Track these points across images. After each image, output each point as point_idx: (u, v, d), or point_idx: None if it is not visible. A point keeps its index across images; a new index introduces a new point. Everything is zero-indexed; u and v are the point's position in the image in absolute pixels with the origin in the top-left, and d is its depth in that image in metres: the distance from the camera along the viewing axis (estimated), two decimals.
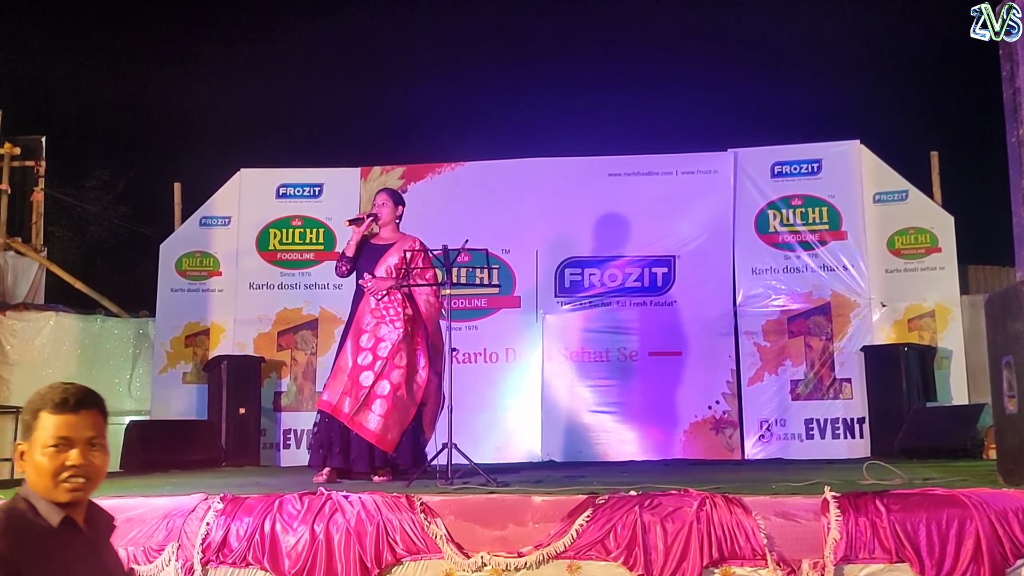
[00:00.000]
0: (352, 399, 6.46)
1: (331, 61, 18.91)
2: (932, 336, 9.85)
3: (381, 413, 6.42)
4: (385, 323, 6.58)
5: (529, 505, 4.38)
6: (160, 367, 10.52)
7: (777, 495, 4.45)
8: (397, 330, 6.55)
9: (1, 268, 10.92)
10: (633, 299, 10.32)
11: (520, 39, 18.68)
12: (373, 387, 6.44)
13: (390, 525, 4.25)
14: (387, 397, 6.45)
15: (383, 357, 6.50)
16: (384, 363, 6.48)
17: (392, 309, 6.60)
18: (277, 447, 10.33)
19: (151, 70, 19.81)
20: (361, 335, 6.59)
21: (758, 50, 16.33)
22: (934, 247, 9.97)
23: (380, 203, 6.94)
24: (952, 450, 8.27)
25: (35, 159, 11.52)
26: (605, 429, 10.07)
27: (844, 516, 4.18)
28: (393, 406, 6.44)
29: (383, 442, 6.41)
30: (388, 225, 6.96)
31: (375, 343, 6.56)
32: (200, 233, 10.77)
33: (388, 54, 18.99)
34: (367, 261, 6.83)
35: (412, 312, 6.66)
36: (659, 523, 4.19)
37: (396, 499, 4.37)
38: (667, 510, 4.25)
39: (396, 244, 6.85)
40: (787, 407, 9.97)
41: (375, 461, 6.43)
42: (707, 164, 10.54)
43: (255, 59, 19.89)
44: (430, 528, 4.23)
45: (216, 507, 4.37)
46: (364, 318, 6.64)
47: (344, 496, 4.39)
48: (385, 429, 6.42)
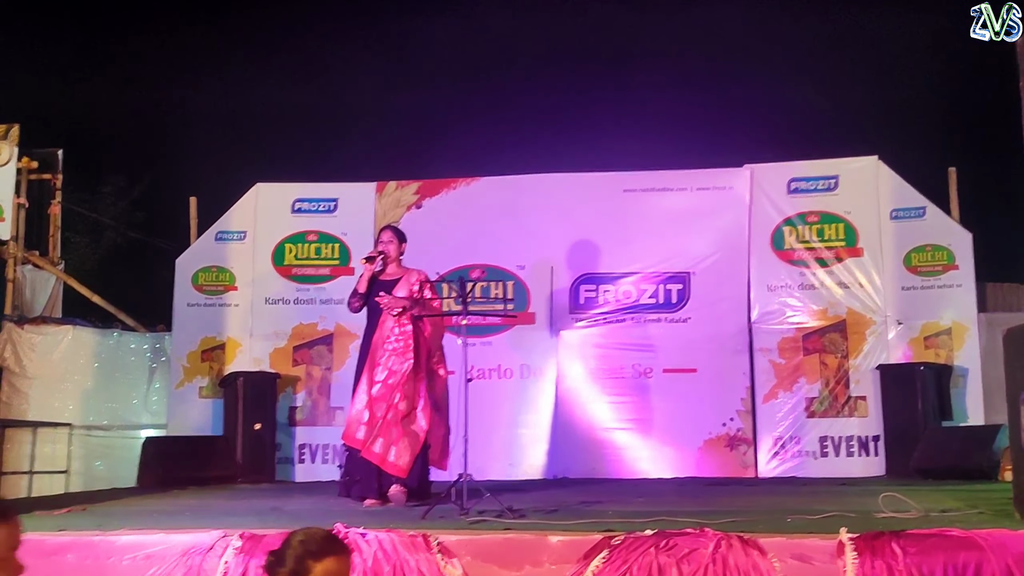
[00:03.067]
0: (368, 428, 6.67)
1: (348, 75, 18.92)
2: (948, 354, 9.81)
3: (393, 441, 6.59)
4: (396, 354, 6.76)
5: (545, 545, 4.38)
6: (177, 381, 10.59)
7: (793, 535, 4.44)
8: (407, 360, 6.74)
9: (19, 282, 11.01)
10: (648, 316, 10.33)
11: (535, 55, 18.67)
12: (386, 415, 6.63)
13: (407, 565, 4.26)
14: (398, 424, 6.65)
15: (393, 385, 6.70)
16: (396, 391, 6.68)
17: (403, 341, 6.75)
18: (292, 462, 10.36)
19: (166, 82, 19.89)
20: (376, 367, 6.75)
21: (775, 66, 16.28)
22: (951, 264, 9.94)
23: (387, 240, 7.08)
24: (968, 471, 8.27)
25: (52, 172, 11.61)
26: (619, 446, 10.08)
27: (860, 559, 4.17)
28: (404, 432, 6.63)
29: (396, 468, 6.60)
30: (393, 261, 7.13)
31: (387, 374, 6.74)
32: (216, 248, 10.83)
33: (404, 69, 18.99)
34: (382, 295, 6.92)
35: (420, 341, 6.78)
36: (675, 565, 4.18)
37: (413, 538, 4.38)
38: (683, 551, 4.24)
39: (403, 278, 7.00)
40: (802, 424, 9.95)
41: (382, 487, 6.62)
42: (723, 180, 10.54)
43: (271, 72, 19.96)
44: (447, 569, 4.25)
45: (235, 544, 4.39)
46: (378, 351, 6.78)
47: (361, 534, 4.41)
48: (398, 456, 6.61)
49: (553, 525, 4.97)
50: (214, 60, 19.50)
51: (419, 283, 6.91)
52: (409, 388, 6.69)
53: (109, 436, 10.77)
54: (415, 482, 6.69)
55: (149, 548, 4.47)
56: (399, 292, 6.90)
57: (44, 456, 9.93)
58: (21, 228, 11.13)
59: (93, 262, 19.23)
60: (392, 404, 6.65)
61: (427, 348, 6.87)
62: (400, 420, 6.64)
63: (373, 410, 6.67)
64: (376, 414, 6.65)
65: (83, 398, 10.69)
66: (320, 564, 2.93)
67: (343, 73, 18.74)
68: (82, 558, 4.50)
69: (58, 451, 10.04)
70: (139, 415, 10.97)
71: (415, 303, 6.84)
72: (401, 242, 7.15)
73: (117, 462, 10.59)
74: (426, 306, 6.93)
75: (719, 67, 17.10)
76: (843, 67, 16.40)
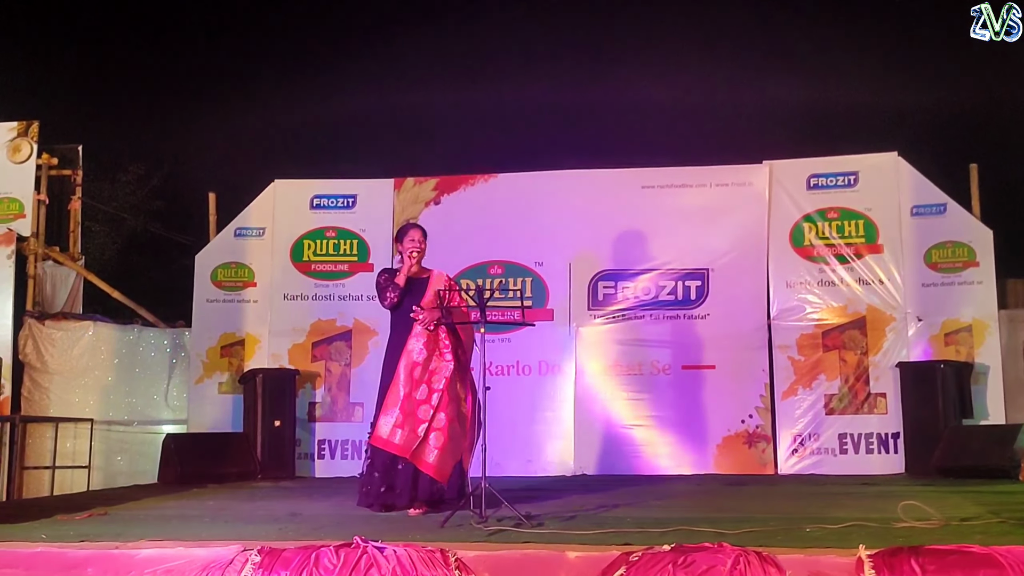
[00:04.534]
0: (407, 432, 6.47)
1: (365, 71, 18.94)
2: (969, 351, 9.77)
3: (438, 446, 6.45)
4: (436, 355, 6.61)
5: (563, 562, 4.38)
6: (196, 377, 10.66)
7: (811, 550, 4.43)
8: (449, 363, 6.59)
9: (40, 278, 11.07)
10: (666, 312, 10.32)
11: (553, 51, 18.62)
12: (432, 421, 6.47)
13: None
14: (443, 430, 6.48)
15: (439, 389, 6.53)
16: (440, 396, 6.51)
17: (442, 341, 6.64)
18: (312, 457, 10.43)
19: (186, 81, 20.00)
20: (414, 368, 6.56)
21: (795, 61, 16.19)
22: (972, 261, 9.89)
23: (419, 239, 6.89)
24: (989, 471, 8.26)
25: (72, 168, 11.64)
26: (638, 442, 10.10)
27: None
28: (449, 438, 6.49)
29: (440, 474, 6.46)
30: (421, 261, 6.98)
31: (429, 376, 6.57)
32: (235, 244, 10.87)
33: (421, 65, 18.96)
34: (411, 295, 6.79)
35: (457, 343, 6.69)
36: None
37: (431, 554, 4.38)
38: (701, 568, 4.23)
39: (430, 278, 6.88)
40: (821, 421, 9.94)
41: (429, 495, 6.47)
42: (742, 176, 10.50)
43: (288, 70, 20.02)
44: None
45: (254, 560, 4.40)
46: (415, 350, 6.64)
47: (379, 550, 4.41)
48: (442, 462, 6.46)
49: (571, 536, 4.97)
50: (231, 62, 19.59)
51: (447, 287, 6.73)
52: (452, 392, 6.55)
53: (129, 431, 10.83)
54: (455, 490, 6.53)
55: (168, 562, 4.48)
56: (428, 292, 6.78)
57: (65, 451, 9.98)
58: (41, 224, 11.16)
59: (112, 251, 19.33)
60: (433, 408, 6.48)
61: (464, 352, 6.75)
62: (445, 426, 6.49)
63: (415, 415, 6.49)
64: (419, 418, 6.47)
65: (103, 393, 10.75)
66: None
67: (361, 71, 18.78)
68: (102, 571, 4.52)
69: (79, 446, 10.08)
70: (159, 411, 11.03)
71: (447, 312, 6.66)
72: (426, 239, 7.00)
73: (137, 457, 10.67)
74: (457, 312, 6.73)
75: (740, 64, 17.01)
76: (864, 63, 16.28)
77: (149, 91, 20.41)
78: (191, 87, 20.30)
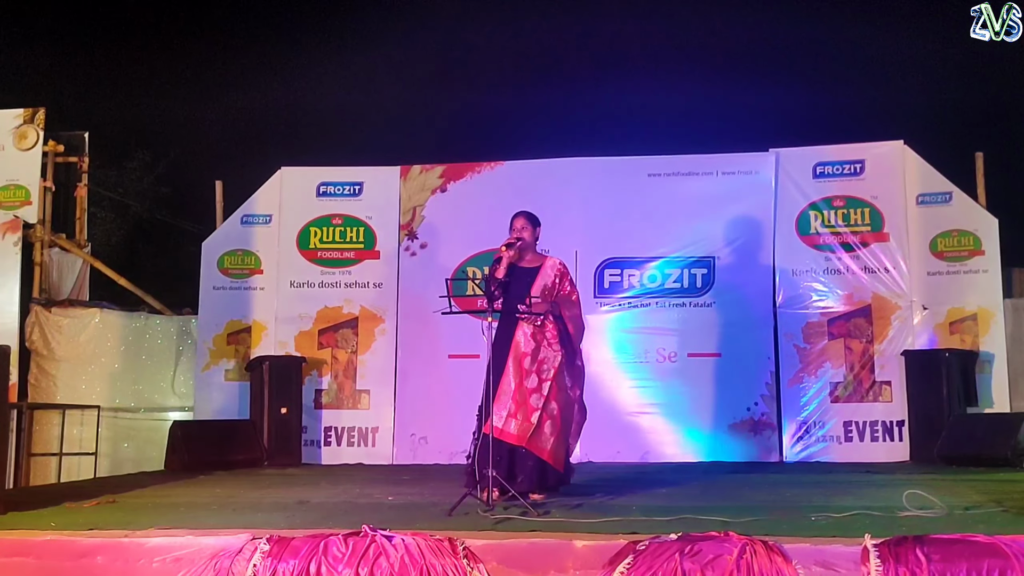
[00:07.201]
0: (521, 421, 6.46)
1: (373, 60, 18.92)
2: (974, 340, 9.78)
3: (553, 434, 6.48)
4: (545, 345, 6.58)
5: (570, 551, 4.41)
6: (203, 364, 10.68)
7: (817, 540, 4.45)
8: (557, 352, 6.58)
9: (47, 265, 11.10)
10: (672, 300, 10.33)
11: (561, 41, 18.59)
12: (544, 409, 6.48)
13: (433, 571, 4.29)
14: (556, 418, 6.51)
15: (549, 379, 6.53)
16: (551, 385, 6.52)
17: (549, 332, 6.60)
18: (318, 444, 10.44)
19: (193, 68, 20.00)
20: (524, 358, 6.52)
21: (801, 50, 16.17)
22: (977, 250, 9.89)
23: (520, 227, 6.73)
24: (993, 459, 8.29)
25: (78, 155, 11.66)
26: (644, 430, 10.12)
27: (884, 566, 4.18)
28: (561, 426, 6.53)
29: (556, 460, 6.50)
30: (530, 249, 6.81)
31: (538, 365, 6.55)
32: (241, 231, 10.89)
33: (429, 54, 18.94)
34: (518, 285, 6.65)
35: (564, 331, 6.67)
36: (700, 571, 4.20)
37: (439, 543, 4.41)
38: (707, 557, 4.26)
39: (541, 268, 6.75)
40: (826, 409, 9.96)
41: (547, 480, 6.49)
42: (748, 164, 10.49)
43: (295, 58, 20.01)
44: (473, 575, 4.29)
45: (263, 548, 4.43)
46: (522, 340, 6.59)
47: (388, 538, 4.44)
48: (556, 449, 6.50)
49: (577, 525, 5.01)
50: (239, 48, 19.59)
51: (558, 275, 6.68)
52: (560, 381, 6.55)
53: (136, 418, 10.87)
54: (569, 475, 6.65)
55: (178, 551, 4.52)
56: (538, 283, 6.66)
57: (72, 438, 10.02)
58: (48, 211, 11.18)
59: (119, 238, 19.38)
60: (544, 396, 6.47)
61: (570, 337, 6.69)
62: (557, 415, 6.50)
63: (528, 404, 6.48)
64: (532, 407, 6.46)
65: (110, 381, 10.79)
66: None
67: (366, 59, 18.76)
68: (112, 560, 4.55)
69: (86, 433, 10.11)
70: (166, 397, 11.06)
71: (555, 304, 6.62)
72: (535, 227, 6.83)
73: (144, 444, 10.70)
74: (566, 301, 6.69)
75: (746, 52, 17.00)
76: (869, 52, 16.25)
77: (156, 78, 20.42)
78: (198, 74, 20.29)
